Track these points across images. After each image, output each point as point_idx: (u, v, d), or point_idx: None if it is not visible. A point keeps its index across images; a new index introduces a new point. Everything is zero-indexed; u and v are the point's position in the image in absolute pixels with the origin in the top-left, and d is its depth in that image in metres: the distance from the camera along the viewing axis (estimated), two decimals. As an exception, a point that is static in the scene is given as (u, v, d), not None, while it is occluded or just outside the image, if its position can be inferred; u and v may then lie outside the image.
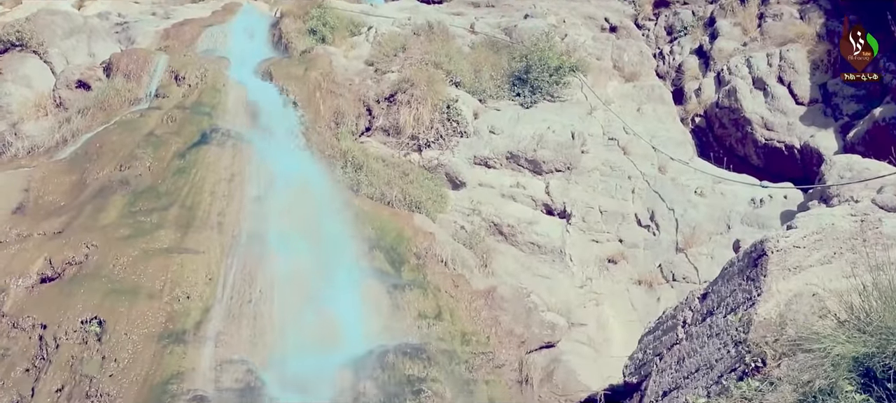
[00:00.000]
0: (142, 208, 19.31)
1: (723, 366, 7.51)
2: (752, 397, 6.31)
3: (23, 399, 15.33)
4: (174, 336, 16.37)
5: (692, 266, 22.40)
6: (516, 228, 23.25)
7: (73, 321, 16.15)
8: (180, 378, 15.67)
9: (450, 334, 18.98)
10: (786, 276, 7.38)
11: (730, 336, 7.59)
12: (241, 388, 16.09)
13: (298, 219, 20.10)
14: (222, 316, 17.13)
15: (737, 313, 7.62)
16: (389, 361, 17.17)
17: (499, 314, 20.09)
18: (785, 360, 6.65)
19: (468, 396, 17.95)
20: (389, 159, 24.38)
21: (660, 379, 8.78)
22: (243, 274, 18.05)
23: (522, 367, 19.27)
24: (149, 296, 16.86)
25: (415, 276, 20.16)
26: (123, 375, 15.58)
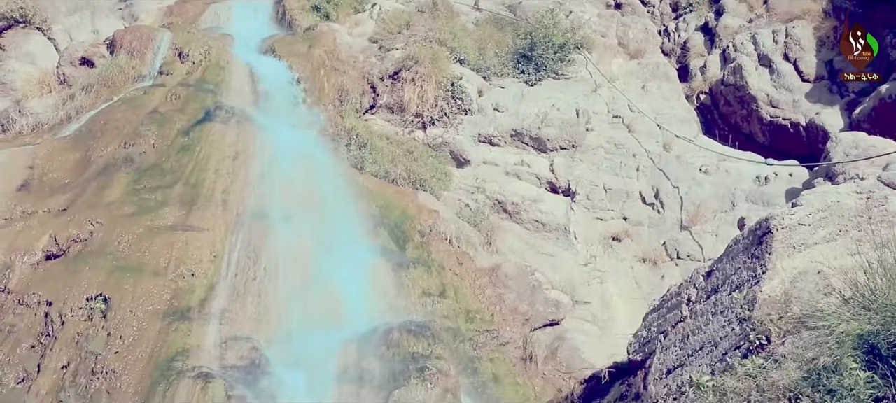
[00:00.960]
0: (146, 185, 19.32)
1: (727, 344, 7.51)
2: (757, 374, 6.31)
3: (29, 375, 15.40)
4: (179, 314, 16.42)
5: (697, 243, 22.37)
6: (521, 206, 23.23)
7: (79, 298, 16.20)
8: (185, 355, 15.73)
9: (454, 312, 19.01)
10: (791, 254, 7.37)
11: (734, 313, 7.58)
12: (246, 365, 16.15)
13: (303, 197, 20.10)
14: (227, 294, 17.16)
15: (741, 291, 7.61)
16: (394, 338, 17.21)
17: (503, 292, 20.11)
18: (789, 338, 6.64)
19: (472, 373, 18.00)
20: (394, 137, 24.35)
21: (664, 357, 8.78)
22: (248, 251, 18.07)
23: (526, 345, 19.30)
24: (154, 274, 16.90)
25: (419, 254, 20.17)
26: (129, 352, 15.64)
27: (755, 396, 6.10)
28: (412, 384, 16.21)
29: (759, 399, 6.01)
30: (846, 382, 5.46)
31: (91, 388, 15.08)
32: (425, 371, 16.49)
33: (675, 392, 8.12)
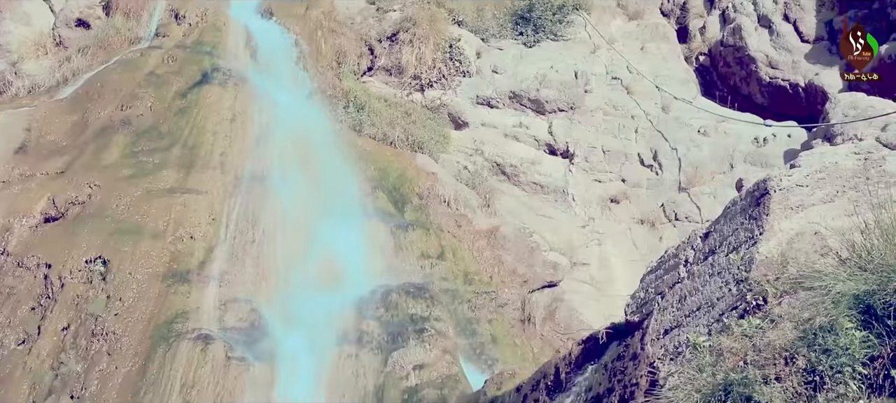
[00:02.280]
0: (144, 148, 19.30)
1: (724, 304, 7.53)
2: (753, 334, 6.34)
3: (29, 337, 15.48)
4: (178, 276, 16.47)
5: (694, 205, 22.41)
6: (519, 168, 23.24)
7: (78, 260, 16.25)
8: (185, 317, 15.80)
9: (452, 273, 19.07)
10: (788, 215, 7.37)
11: (731, 274, 7.60)
12: (246, 327, 16.22)
13: (301, 160, 20.08)
14: (226, 256, 17.21)
15: (739, 252, 7.62)
16: (392, 300, 17.28)
17: (501, 253, 20.17)
18: (786, 298, 6.66)
19: (471, 335, 18.09)
20: (392, 99, 24.29)
21: (661, 318, 8.82)
22: (246, 214, 18.09)
23: (525, 306, 19.39)
24: (152, 236, 16.94)
25: (417, 216, 20.20)
26: (129, 314, 15.70)
27: (751, 356, 6.12)
28: (411, 345, 16.30)
29: (756, 360, 6.04)
30: (842, 342, 5.48)
31: (91, 349, 15.16)
32: (424, 332, 16.57)
33: (672, 353, 8.16)
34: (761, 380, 5.75)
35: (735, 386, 5.87)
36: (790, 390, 5.65)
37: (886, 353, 5.44)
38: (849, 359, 5.44)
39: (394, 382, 15.75)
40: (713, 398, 6.02)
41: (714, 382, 6.10)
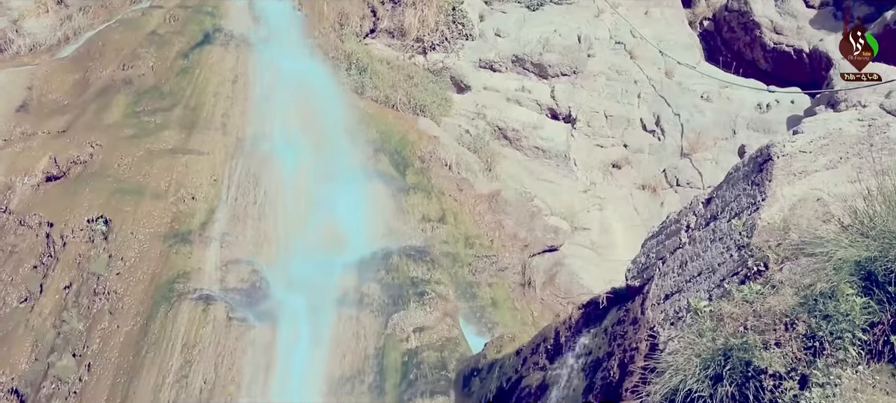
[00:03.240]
0: (145, 108, 19.27)
1: (725, 270, 7.54)
2: (754, 300, 6.35)
3: (31, 295, 15.54)
4: (180, 236, 16.51)
5: (696, 171, 22.39)
6: (521, 132, 23.19)
7: (80, 219, 16.28)
8: (186, 278, 15.85)
9: (453, 237, 19.09)
10: (791, 181, 7.36)
11: (733, 240, 7.61)
12: (247, 288, 16.27)
13: (302, 122, 20.04)
14: (227, 218, 17.23)
15: (740, 217, 7.62)
16: (393, 263, 17.31)
17: (502, 218, 20.17)
18: (787, 264, 6.67)
19: (471, 298, 18.14)
20: (394, 62, 24.18)
21: (662, 283, 8.84)
22: (248, 175, 18.08)
23: (525, 270, 19.43)
24: (154, 196, 16.96)
25: (419, 180, 20.19)
26: (130, 273, 15.76)
27: (752, 321, 6.14)
28: (411, 307, 16.36)
29: (756, 325, 6.06)
30: (842, 308, 5.50)
31: (93, 308, 15.22)
32: (424, 295, 16.62)
33: (673, 318, 8.19)
34: (761, 345, 5.77)
35: (735, 351, 5.89)
36: (790, 355, 5.67)
37: (887, 319, 5.46)
38: (849, 325, 5.46)
39: (394, 344, 15.83)
40: (713, 362, 6.05)
41: (714, 347, 6.13)
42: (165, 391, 14.38)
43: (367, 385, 15.46)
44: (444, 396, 14.73)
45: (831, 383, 5.29)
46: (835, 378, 5.31)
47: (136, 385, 14.41)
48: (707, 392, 5.97)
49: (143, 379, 14.44)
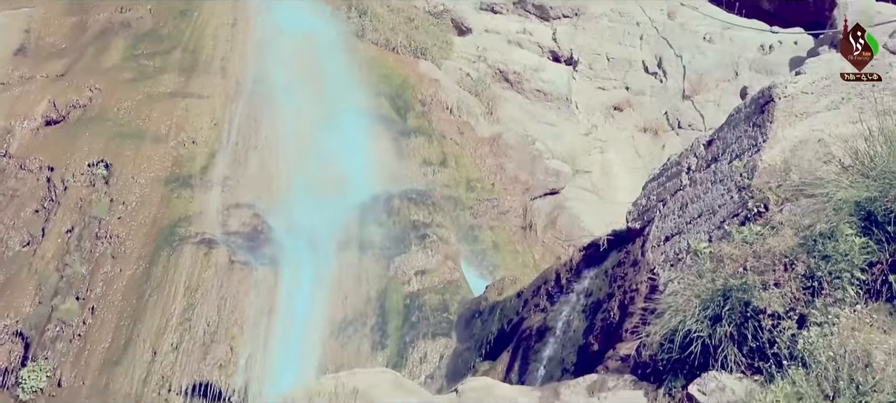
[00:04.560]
0: (144, 51, 19.18)
1: (725, 212, 7.56)
2: (754, 241, 6.37)
3: (33, 239, 15.61)
4: (181, 180, 16.52)
5: (698, 113, 22.31)
6: (522, 75, 23.07)
7: (80, 163, 16.29)
8: (188, 222, 15.89)
9: (455, 180, 19.09)
10: (792, 122, 7.34)
11: (734, 181, 7.61)
12: (248, 232, 16.31)
13: (303, 65, 19.93)
14: (228, 161, 17.22)
15: (742, 159, 7.61)
16: (395, 207, 17.34)
17: (504, 161, 20.16)
18: (787, 205, 6.68)
19: (472, 241, 18.19)
20: (394, 4, 23.95)
21: (662, 225, 8.86)
22: (248, 119, 18.05)
23: (526, 213, 19.46)
24: (154, 140, 16.94)
25: (420, 123, 20.13)
26: (132, 217, 15.80)
27: (751, 262, 6.16)
28: (413, 250, 16.42)
29: (755, 266, 6.08)
30: (842, 248, 5.52)
31: (96, 252, 15.29)
32: (426, 238, 16.67)
33: (673, 259, 8.22)
34: (760, 286, 5.80)
35: (734, 292, 5.92)
36: (788, 295, 5.70)
37: (885, 259, 5.48)
38: (848, 265, 5.48)
39: (396, 287, 15.91)
40: (712, 303, 6.08)
41: (713, 288, 6.16)
42: (169, 334, 14.49)
43: (370, 328, 15.57)
44: (446, 338, 14.84)
45: (829, 322, 5.33)
46: (833, 318, 5.34)
47: (139, 328, 14.52)
48: (706, 333, 6.01)
49: (147, 322, 14.55)
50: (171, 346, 14.45)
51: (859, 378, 4.79)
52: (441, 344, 14.77)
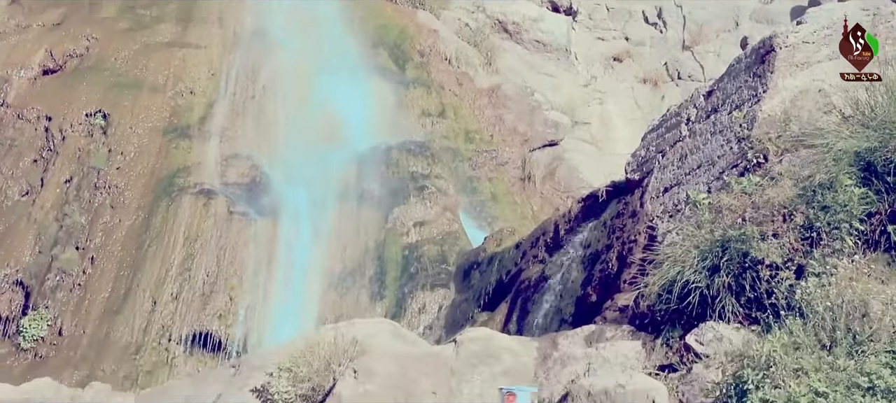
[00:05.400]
0: (140, 1, 19.05)
1: (724, 162, 7.55)
2: (753, 192, 6.37)
3: (32, 188, 15.63)
4: (179, 131, 16.50)
5: (698, 64, 22.22)
6: (521, 26, 22.90)
7: (78, 113, 16.25)
8: (187, 172, 15.89)
9: (453, 132, 19.05)
10: (793, 72, 7.31)
11: (733, 132, 7.59)
12: (247, 182, 16.32)
13: (300, 15, 19.79)
14: (226, 112, 17.18)
15: (741, 110, 7.59)
16: (393, 158, 17.31)
17: (502, 112, 20.10)
18: (787, 156, 6.67)
19: (471, 192, 18.19)
20: (392, -47, 23.73)
21: (661, 176, 8.85)
22: (246, 69, 17.97)
23: (525, 165, 19.43)
24: (152, 90, 16.89)
25: (419, 74, 20.03)
26: (130, 167, 15.80)
27: (750, 213, 6.17)
28: (411, 202, 16.43)
29: (754, 216, 6.09)
30: (841, 198, 5.52)
31: (95, 202, 15.31)
32: (424, 189, 16.67)
33: (671, 210, 8.22)
34: (759, 237, 5.81)
35: (733, 243, 5.94)
36: (787, 246, 5.72)
37: (884, 209, 5.48)
38: (846, 216, 5.49)
39: (394, 238, 15.94)
40: (710, 254, 6.10)
41: (712, 238, 6.17)
42: (168, 284, 14.55)
43: (368, 279, 15.62)
44: (444, 289, 14.89)
45: (827, 272, 5.35)
46: (831, 268, 5.36)
47: (139, 278, 14.58)
48: (704, 283, 6.03)
49: (147, 272, 14.60)
50: (170, 296, 14.52)
51: (856, 328, 4.81)
52: (439, 295, 14.83)
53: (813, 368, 4.54)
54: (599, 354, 6.79)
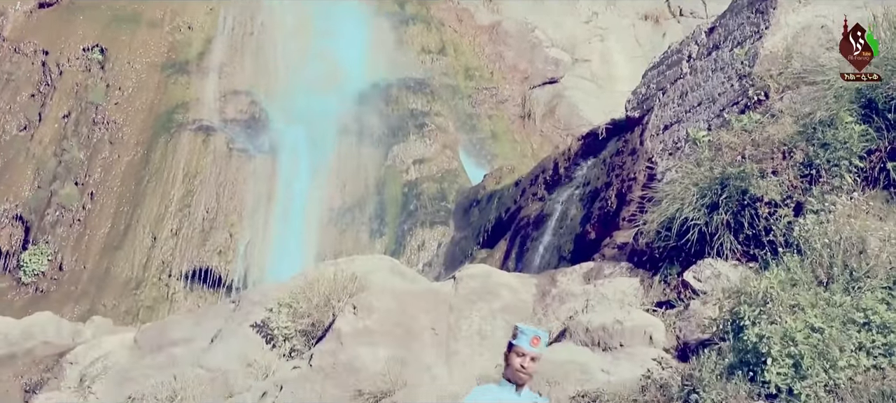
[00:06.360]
0: (137, -66, 18.84)
1: (725, 100, 7.52)
2: (753, 129, 6.34)
3: (30, 123, 15.60)
4: (177, 66, 16.41)
5: (700, 0, 22.02)
6: (522, -39, 22.65)
7: (75, 48, 16.15)
8: (185, 108, 15.85)
9: (453, 69, 18.95)
10: (795, 8, 7.24)
11: (734, 69, 7.55)
12: (246, 119, 16.28)
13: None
14: (225, 48, 17.08)
15: (743, 46, 7.54)
16: (393, 95, 17.24)
17: (503, 49, 19.98)
18: (788, 93, 6.63)
19: (471, 130, 18.16)
20: None
21: (661, 113, 8.82)
22: (245, 5, 17.82)
23: (525, 102, 19.37)
24: (150, 25, 16.76)
25: (418, 11, 19.86)
26: (128, 103, 15.76)
27: (750, 150, 6.15)
28: (411, 139, 16.40)
29: (754, 154, 6.07)
30: (841, 135, 5.50)
31: (93, 138, 15.29)
32: (424, 127, 16.63)
33: (671, 148, 8.21)
34: (758, 174, 5.80)
35: (732, 180, 5.93)
36: (786, 183, 5.71)
37: (884, 147, 5.47)
38: (846, 153, 5.47)
39: (394, 175, 15.95)
40: (710, 191, 6.09)
41: (711, 176, 6.16)
42: (168, 220, 14.60)
43: (368, 216, 15.67)
44: (444, 226, 14.94)
45: (826, 209, 5.35)
46: (829, 205, 5.36)
47: (139, 213, 14.62)
48: (703, 221, 6.04)
49: (146, 208, 14.64)
50: (170, 232, 14.58)
51: (853, 265, 4.82)
52: (439, 232, 14.89)
53: (809, 304, 4.55)
54: (598, 291, 6.82)
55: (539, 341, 3.27)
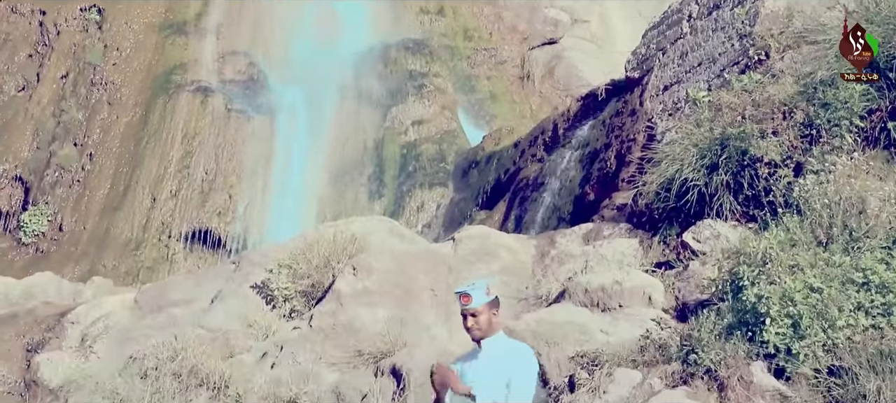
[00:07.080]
0: None
1: (726, 60, 7.49)
2: (753, 89, 6.32)
3: (29, 84, 15.55)
4: (175, 27, 16.32)
5: (701, -38, 21.87)
6: (522, -80, 22.46)
7: (72, 8, 16.06)
8: (183, 69, 15.79)
9: (452, 30, 18.86)
10: (797, -32, 7.21)
11: (735, 29, 7.51)
12: (245, 80, 16.22)
13: None
14: (222, 9, 16.97)
15: (744, 6, 7.50)
16: (391, 56, 17.16)
17: (501, 10, 19.86)
18: (789, 53, 6.60)
19: (470, 91, 18.11)
20: None
21: (661, 74, 8.78)
22: (242, -36, 17.71)
23: (524, 63, 19.28)
24: (147, -15, 16.70)
25: (417, -30, 19.74)
26: (126, 64, 15.69)
27: (750, 111, 6.14)
28: (410, 100, 16.35)
29: (754, 114, 6.06)
30: (842, 95, 5.48)
31: (92, 99, 15.25)
32: (423, 88, 16.57)
33: (671, 108, 8.19)
34: (758, 134, 5.79)
35: (732, 140, 5.92)
36: (786, 143, 5.70)
37: (885, 106, 5.45)
38: (847, 112, 5.46)
39: (393, 136, 15.92)
40: (709, 152, 6.08)
41: (711, 136, 6.15)
42: (167, 181, 14.60)
43: (367, 178, 15.66)
44: (443, 187, 14.94)
45: (826, 170, 5.34)
46: (830, 165, 5.35)
47: (138, 174, 14.61)
48: (702, 181, 6.04)
49: (145, 169, 14.64)
50: (169, 193, 14.58)
51: (853, 225, 4.83)
52: (438, 194, 14.89)
53: (808, 264, 4.56)
54: (597, 251, 6.83)
55: (470, 299, 3.28)
